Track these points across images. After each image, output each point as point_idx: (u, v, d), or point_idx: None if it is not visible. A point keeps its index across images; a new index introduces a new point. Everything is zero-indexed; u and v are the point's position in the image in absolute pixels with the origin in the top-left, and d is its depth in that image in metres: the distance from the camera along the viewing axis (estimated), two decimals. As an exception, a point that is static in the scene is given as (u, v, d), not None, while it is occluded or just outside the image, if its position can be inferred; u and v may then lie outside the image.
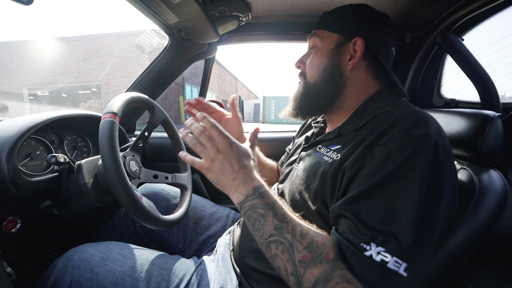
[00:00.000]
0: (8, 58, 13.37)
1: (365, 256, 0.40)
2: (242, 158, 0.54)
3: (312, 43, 0.67)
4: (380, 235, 0.41)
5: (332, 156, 0.56)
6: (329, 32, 0.64)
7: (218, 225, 0.91)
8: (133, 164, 0.73)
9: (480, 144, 0.62)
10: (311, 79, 0.66)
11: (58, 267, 0.62)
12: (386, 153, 0.46)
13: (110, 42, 12.96)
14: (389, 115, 0.52)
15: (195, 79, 14.53)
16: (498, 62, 0.97)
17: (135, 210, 0.61)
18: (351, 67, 0.62)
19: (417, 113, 0.51)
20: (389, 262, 0.39)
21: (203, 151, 0.54)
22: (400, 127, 0.47)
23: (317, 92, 0.65)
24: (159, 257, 0.68)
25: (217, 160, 0.53)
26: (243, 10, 0.95)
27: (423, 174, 0.42)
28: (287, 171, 0.73)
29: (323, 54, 0.64)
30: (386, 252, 0.39)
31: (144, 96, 0.79)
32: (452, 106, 1.04)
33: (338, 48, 0.63)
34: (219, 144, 0.53)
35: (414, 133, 0.46)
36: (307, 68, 0.67)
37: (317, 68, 0.65)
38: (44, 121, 0.74)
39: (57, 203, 0.78)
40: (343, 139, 0.58)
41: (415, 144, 0.45)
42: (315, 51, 0.66)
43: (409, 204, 0.41)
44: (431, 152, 0.44)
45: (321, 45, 0.65)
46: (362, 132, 0.54)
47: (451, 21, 0.87)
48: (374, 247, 0.40)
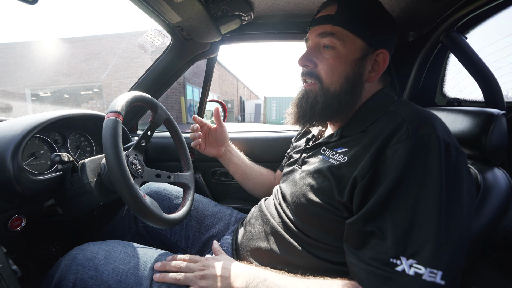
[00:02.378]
0: (11, 59, 13.47)
1: (397, 272, 0.38)
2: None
3: (329, 43, 0.58)
4: (408, 247, 0.39)
5: (339, 159, 0.55)
6: (354, 35, 0.57)
7: (220, 224, 0.91)
8: (136, 163, 0.73)
9: (484, 142, 0.61)
10: (330, 86, 0.59)
11: (62, 265, 0.63)
12: (398, 158, 0.44)
13: (112, 42, 13.01)
14: (394, 115, 0.52)
15: (197, 79, 14.55)
16: (501, 61, 0.97)
17: (139, 208, 0.61)
18: (373, 80, 0.60)
19: (422, 112, 0.50)
20: (423, 274, 0.37)
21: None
22: (408, 127, 0.47)
23: (337, 103, 0.59)
24: (162, 255, 0.69)
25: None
26: (246, 9, 0.95)
27: (440, 176, 0.41)
28: (287, 172, 0.73)
29: (346, 61, 0.58)
30: (418, 263, 0.38)
31: (147, 95, 0.79)
32: (455, 105, 1.04)
33: (363, 59, 0.58)
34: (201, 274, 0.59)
35: (422, 133, 0.45)
36: (326, 72, 0.59)
37: (339, 76, 0.58)
38: (47, 120, 0.75)
39: (61, 202, 0.79)
40: (348, 142, 0.58)
41: (425, 146, 0.44)
42: (335, 55, 0.58)
43: (431, 208, 0.40)
44: (443, 152, 0.43)
45: (344, 50, 0.57)
46: (368, 135, 0.53)
47: (454, 19, 0.87)
48: (405, 260, 0.38)
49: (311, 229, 0.57)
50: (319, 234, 0.56)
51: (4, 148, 0.64)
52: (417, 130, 0.46)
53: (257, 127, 14.09)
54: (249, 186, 1.00)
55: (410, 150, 0.44)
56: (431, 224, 0.39)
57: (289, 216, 0.62)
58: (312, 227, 0.57)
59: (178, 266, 0.62)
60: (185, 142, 0.93)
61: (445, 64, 1.09)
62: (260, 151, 1.22)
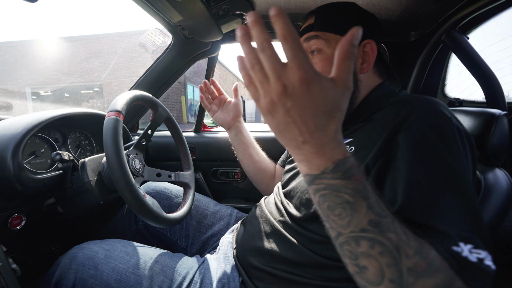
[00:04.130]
0: (11, 58, 13.48)
1: (465, 259, 0.35)
2: (322, 113, 0.33)
3: (314, 47, 0.61)
4: (462, 232, 0.36)
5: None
6: (336, 35, 0.60)
7: (221, 223, 0.91)
8: (136, 163, 0.73)
9: (486, 142, 0.61)
10: None
11: (62, 264, 0.63)
12: (413, 142, 0.43)
13: (112, 41, 13.01)
14: (401, 103, 0.51)
15: (197, 79, 14.55)
16: (503, 61, 0.97)
17: (139, 207, 0.61)
18: (366, 70, 0.60)
19: (430, 98, 0.50)
20: (485, 258, 0.35)
21: (262, 83, 0.33)
22: (418, 112, 0.46)
23: None
24: (162, 255, 0.69)
25: (280, 105, 0.33)
26: (247, 8, 0.95)
27: (460, 155, 0.41)
28: (290, 168, 0.73)
29: (333, 58, 0.60)
30: (476, 248, 0.35)
31: (147, 94, 0.79)
32: (457, 105, 1.04)
33: None
34: (290, 78, 0.31)
35: (434, 115, 0.45)
36: None
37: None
38: (48, 119, 0.75)
39: (61, 201, 0.79)
40: (351, 132, 0.58)
41: (439, 127, 0.43)
42: (322, 57, 0.60)
43: (462, 189, 0.39)
44: (457, 135, 0.43)
45: (329, 49, 0.60)
46: (372, 122, 0.54)
47: (456, 20, 0.87)
48: (463, 245, 0.35)
49: (315, 225, 0.56)
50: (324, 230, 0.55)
51: (5, 147, 0.64)
52: (429, 113, 0.45)
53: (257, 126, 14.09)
54: (250, 168, 0.99)
55: (424, 132, 0.43)
56: (467, 204, 0.38)
57: (291, 213, 0.62)
58: (316, 223, 0.56)
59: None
60: (185, 141, 0.93)
61: (446, 64, 1.08)
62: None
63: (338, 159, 0.35)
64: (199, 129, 1.35)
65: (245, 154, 0.99)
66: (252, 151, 0.99)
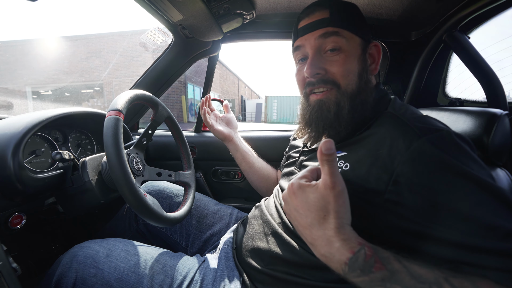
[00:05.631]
0: (12, 57, 13.48)
1: None
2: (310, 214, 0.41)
3: (334, 45, 0.57)
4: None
5: (340, 165, 0.53)
6: (351, 33, 0.58)
7: (221, 223, 0.91)
8: (137, 162, 0.73)
9: (487, 142, 0.61)
10: (347, 87, 0.57)
11: (63, 263, 0.62)
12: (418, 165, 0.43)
13: (113, 41, 13.01)
14: (394, 119, 0.51)
15: (198, 78, 14.56)
16: (504, 61, 0.96)
17: (140, 207, 0.61)
18: (375, 72, 0.61)
19: (421, 115, 0.51)
20: None
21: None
22: (414, 130, 0.46)
23: (359, 101, 0.57)
24: (162, 254, 0.69)
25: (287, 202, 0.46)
26: (248, 8, 0.95)
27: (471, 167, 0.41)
28: (287, 172, 0.73)
29: (354, 59, 0.58)
30: None
31: (148, 93, 0.79)
32: (457, 105, 1.03)
33: (364, 54, 0.59)
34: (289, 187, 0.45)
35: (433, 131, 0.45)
36: (342, 75, 0.57)
37: (354, 75, 0.57)
38: (48, 118, 0.75)
39: (62, 200, 0.79)
40: (346, 145, 0.57)
41: (442, 141, 0.44)
42: (344, 55, 0.57)
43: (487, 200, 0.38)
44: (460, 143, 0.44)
45: (349, 48, 0.57)
46: (367, 138, 0.53)
47: (457, 19, 0.86)
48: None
49: None
50: None
51: (5, 146, 0.64)
52: (426, 131, 0.45)
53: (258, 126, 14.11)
54: (254, 177, 1.00)
55: (427, 151, 0.43)
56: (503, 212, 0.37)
57: None
58: None
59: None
60: (186, 141, 0.93)
61: (447, 64, 1.08)
62: (261, 150, 1.22)
63: (348, 257, 0.37)
64: (199, 129, 1.35)
65: (248, 163, 0.99)
66: (254, 159, 1.01)
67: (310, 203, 0.41)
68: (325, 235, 0.39)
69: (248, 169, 1.00)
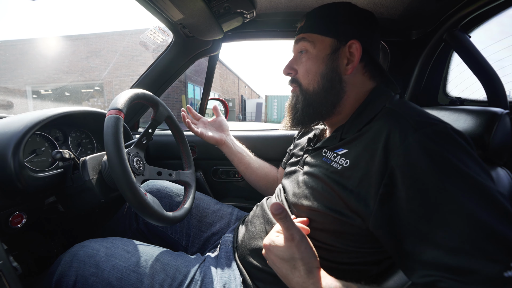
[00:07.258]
0: (12, 56, 13.49)
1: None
2: (281, 261, 0.50)
3: (302, 48, 0.64)
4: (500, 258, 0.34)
5: (341, 162, 0.54)
6: (321, 36, 0.61)
7: (221, 222, 0.91)
8: (137, 161, 0.73)
9: (488, 141, 0.61)
10: (309, 86, 0.64)
11: (63, 262, 0.63)
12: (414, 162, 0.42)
13: (113, 40, 13.01)
14: (391, 112, 0.52)
15: (198, 77, 14.54)
16: (505, 60, 0.96)
17: (140, 206, 0.61)
18: (350, 71, 0.60)
19: (420, 109, 0.51)
20: None
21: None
22: (410, 124, 0.46)
23: (318, 100, 0.63)
24: (163, 253, 0.69)
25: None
26: (248, 7, 0.94)
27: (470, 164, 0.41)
28: (290, 171, 0.73)
29: (318, 60, 0.62)
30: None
31: (148, 93, 0.79)
32: (458, 104, 1.03)
33: (334, 53, 0.61)
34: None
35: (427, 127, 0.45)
36: (302, 75, 0.65)
37: (314, 75, 0.62)
38: (49, 117, 0.75)
39: (62, 199, 0.79)
40: (347, 143, 0.57)
41: (439, 136, 0.43)
42: (307, 57, 0.63)
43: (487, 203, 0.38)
44: (459, 139, 0.43)
45: (314, 50, 0.62)
46: (366, 133, 0.53)
47: (458, 18, 0.86)
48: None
49: (315, 232, 0.56)
50: (321, 235, 0.55)
51: (5, 145, 0.64)
52: (421, 127, 0.45)
53: (258, 126, 14.10)
54: (252, 177, 1.00)
55: (422, 145, 0.43)
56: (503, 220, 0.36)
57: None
58: (316, 231, 0.56)
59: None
60: (186, 140, 0.93)
61: (448, 63, 1.08)
62: (261, 150, 1.22)
63: None
64: (199, 128, 1.35)
65: (244, 164, 1.00)
66: (250, 159, 1.01)
67: (280, 257, 0.49)
68: (299, 282, 0.46)
69: (245, 169, 1.00)
